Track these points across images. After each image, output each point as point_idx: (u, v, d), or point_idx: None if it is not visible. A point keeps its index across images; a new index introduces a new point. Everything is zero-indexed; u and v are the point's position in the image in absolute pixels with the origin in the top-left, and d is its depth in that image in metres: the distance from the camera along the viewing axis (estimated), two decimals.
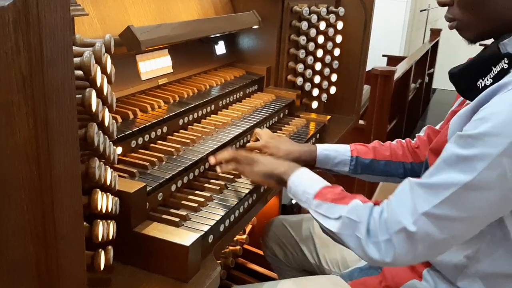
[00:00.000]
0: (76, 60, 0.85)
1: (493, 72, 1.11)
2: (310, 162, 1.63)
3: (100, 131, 0.94)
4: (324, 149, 1.63)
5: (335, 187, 1.30)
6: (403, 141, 1.67)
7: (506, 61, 1.10)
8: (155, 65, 1.82)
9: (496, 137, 0.99)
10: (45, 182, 0.65)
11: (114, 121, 1.10)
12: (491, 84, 1.10)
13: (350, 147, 1.64)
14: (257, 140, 1.70)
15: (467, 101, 1.23)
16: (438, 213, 1.05)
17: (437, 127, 1.57)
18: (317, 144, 1.66)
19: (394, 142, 1.67)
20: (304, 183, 1.33)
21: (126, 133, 1.44)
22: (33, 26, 0.58)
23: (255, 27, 2.17)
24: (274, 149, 1.61)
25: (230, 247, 2.37)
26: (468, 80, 1.17)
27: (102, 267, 0.98)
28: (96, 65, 0.90)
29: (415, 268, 1.33)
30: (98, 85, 0.91)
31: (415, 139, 1.65)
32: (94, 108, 0.86)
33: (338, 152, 1.62)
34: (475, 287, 1.20)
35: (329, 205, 1.23)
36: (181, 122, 1.71)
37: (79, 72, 0.86)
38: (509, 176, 0.99)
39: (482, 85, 1.13)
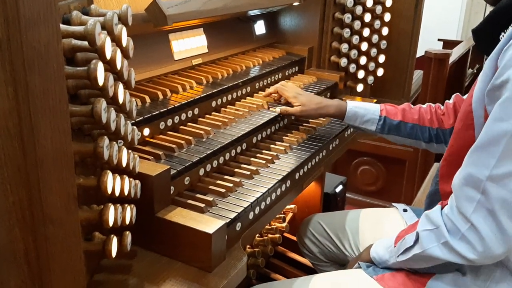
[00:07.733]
0: (81, 28, 0.79)
1: None
2: (338, 117, 1.66)
3: (112, 109, 0.86)
4: (354, 106, 1.64)
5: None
6: (433, 105, 1.65)
7: None
8: (189, 45, 1.75)
9: None
10: (30, 159, 0.58)
11: (133, 99, 1.02)
12: None
13: (380, 106, 1.64)
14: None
15: None
16: (501, 172, 0.97)
17: (465, 96, 1.52)
18: (347, 100, 1.67)
19: (424, 105, 1.66)
20: (382, 245, 1.34)
21: (154, 113, 1.37)
22: None
23: (295, 4, 2.05)
24: (306, 99, 1.63)
25: (270, 235, 2.29)
26: (490, 35, 1.12)
27: (114, 253, 0.91)
28: (106, 35, 0.83)
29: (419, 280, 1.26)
30: (109, 57, 0.84)
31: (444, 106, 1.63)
32: (101, 82, 0.79)
33: (367, 110, 1.63)
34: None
35: (404, 238, 1.22)
36: (213, 104, 1.63)
37: (85, 43, 0.79)
38: None
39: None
